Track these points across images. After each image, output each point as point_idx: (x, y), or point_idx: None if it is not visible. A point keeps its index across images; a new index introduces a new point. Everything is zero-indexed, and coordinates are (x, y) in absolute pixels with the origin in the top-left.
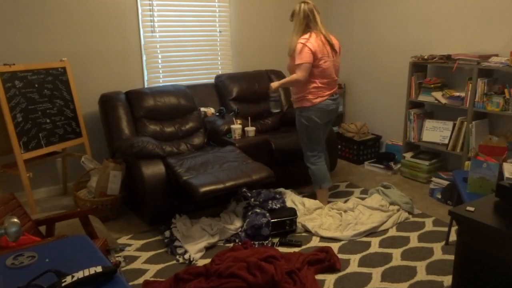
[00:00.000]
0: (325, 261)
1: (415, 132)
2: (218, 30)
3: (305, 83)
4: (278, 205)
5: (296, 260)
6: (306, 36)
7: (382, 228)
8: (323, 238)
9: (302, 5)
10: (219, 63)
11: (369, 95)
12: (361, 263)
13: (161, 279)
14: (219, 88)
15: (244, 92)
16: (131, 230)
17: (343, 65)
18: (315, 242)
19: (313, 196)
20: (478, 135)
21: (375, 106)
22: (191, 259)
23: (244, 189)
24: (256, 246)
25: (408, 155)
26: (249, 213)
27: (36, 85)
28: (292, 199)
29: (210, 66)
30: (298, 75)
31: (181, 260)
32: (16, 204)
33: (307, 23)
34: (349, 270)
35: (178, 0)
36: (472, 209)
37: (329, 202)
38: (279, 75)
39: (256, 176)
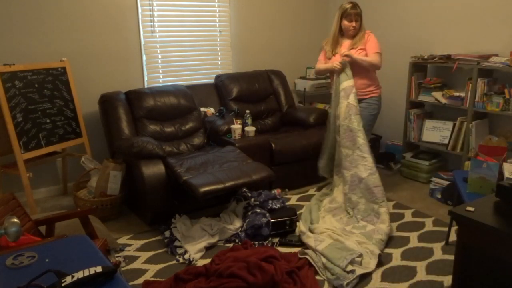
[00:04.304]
0: None
1: (415, 132)
2: (218, 30)
3: (373, 72)
4: (278, 205)
5: (298, 260)
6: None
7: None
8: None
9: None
10: (219, 63)
11: None
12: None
13: (161, 279)
14: (219, 88)
15: (244, 92)
16: (131, 230)
17: None
18: None
19: None
20: (478, 135)
21: None
22: (191, 259)
23: (244, 189)
24: (256, 246)
25: (408, 155)
26: (249, 213)
27: (36, 85)
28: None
29: (210, 66)
30: (379, 61)
31: (181, 260)
32: (16, 204)
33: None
34: None
35: (178, 0)
36: (472, 209)
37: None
38: (279, 75)
39: (256, 176)
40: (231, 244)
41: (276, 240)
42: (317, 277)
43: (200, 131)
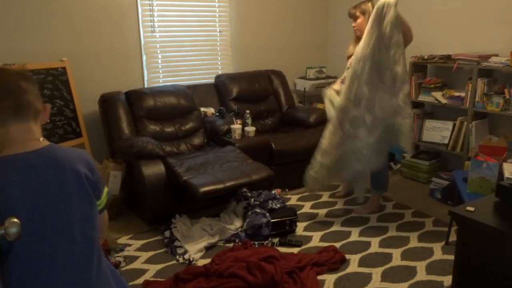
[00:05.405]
0: (330, 259)
1: (415, 132)
2: (218, 30)
3: None
4: (278, 205)
5: (299, 261)
6: None
7: None
8: (322, 236)
9: (370, 2)
10: (219, 63)
11: None
12: (361, 263)
13: (161, 279)
14: (219, 88)
15: (244, 92)
16: (131, 230)
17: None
18: (315, 242)
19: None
20: (478, 135)
21: None
22: (191, 259)
23: (244, 189)
24: (256, 246)
25: (408, 155)
26: (249, 213)
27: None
28: None
29: (210, 66)
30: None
31: (181, 260)
32: None
33: None
34: (349, 270)
35: (178, 0)
36: (472, 209)
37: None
38: (279, 75)
39: (256, 176)
40: (231, 244)
41: (276, 240)
42: (317, 277)
43: (200, 131)
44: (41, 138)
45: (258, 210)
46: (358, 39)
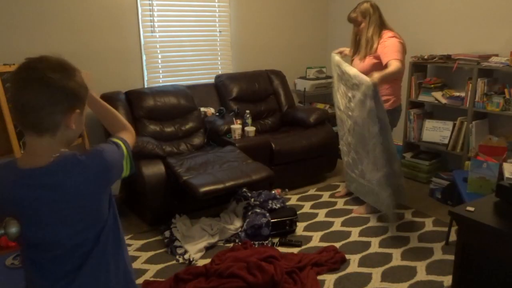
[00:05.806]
0: (330, 259)
1: (415, 132)
2: (218, 30)
3: (397, 81)
4: (278, 205)
5: (299, 261)
6: (393, 32)
7: None
8: (322, 236)
9: (369, 3)
10: (219, 63)
11: None
12: (361, 263)
13: (161, 279)
14: (219, 88)
15: (244, 92)
16: (131, 230)
17: None
18: (315, 242)
19: None
20: (478, 135)
21: None
22: (191, 259)
23: (244, 189)
24: (256, 246)
25: (408, 155)
26: (249, 213)
27: None
28: None
29: (210, 66)
30: (400, 65)
31: (181, 260)
32: None
33: (382, 21)
34: (349, 270)
35: (178, 0)
36: (472, 209)
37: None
38: (279, 75)
39: (256, 176)
40: (231, 244)
41: (276, 240)
42: (317, 277)
43: (200, 131)
44: (53, 156)
45: (258, 210)
46: (357, 42)
